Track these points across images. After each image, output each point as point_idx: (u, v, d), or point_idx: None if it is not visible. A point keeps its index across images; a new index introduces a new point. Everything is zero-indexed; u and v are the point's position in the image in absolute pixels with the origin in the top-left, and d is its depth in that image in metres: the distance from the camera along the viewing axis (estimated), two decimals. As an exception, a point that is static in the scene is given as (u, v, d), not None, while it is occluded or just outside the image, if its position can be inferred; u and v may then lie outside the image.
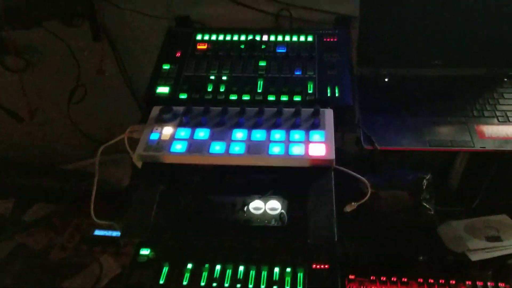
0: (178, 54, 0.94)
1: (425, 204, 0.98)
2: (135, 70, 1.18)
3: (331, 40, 0.95)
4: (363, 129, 0.82)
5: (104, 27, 1.10)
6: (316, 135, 0.73)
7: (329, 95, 0.83)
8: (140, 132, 0.77)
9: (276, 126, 0.75)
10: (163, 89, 0.86)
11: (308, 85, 0.85)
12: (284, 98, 0.83)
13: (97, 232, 0.95)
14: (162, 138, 0.74)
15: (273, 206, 0.77)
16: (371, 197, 0.79)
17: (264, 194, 0.77)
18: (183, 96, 0.85)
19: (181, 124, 0.77)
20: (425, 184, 0.99)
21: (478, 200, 1.01)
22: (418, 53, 0.97)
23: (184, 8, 1.08)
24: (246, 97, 0.84)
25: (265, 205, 0.77)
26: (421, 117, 0.87)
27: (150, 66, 0.92)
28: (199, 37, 0.98)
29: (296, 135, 0.73)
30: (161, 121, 0.77)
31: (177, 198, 0.78)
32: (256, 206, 0.77)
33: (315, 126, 0.74)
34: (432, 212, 0.96)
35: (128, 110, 1.21)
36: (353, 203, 0.74)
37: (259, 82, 0.86)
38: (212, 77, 0.88)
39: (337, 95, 0.83)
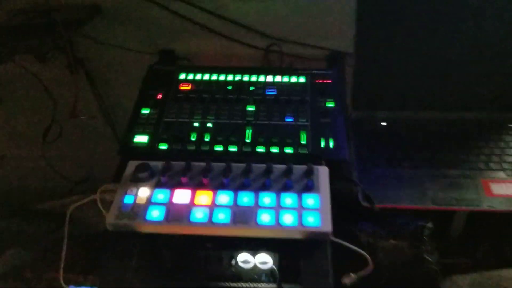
0: (159, 96, 0.86)
1: (426, 257, 0.90)
2: (116, 107, 1.11)
3: (325, 81, 0.88)
4: (360, 186, 0.75)
5: (82, 63, 1.02)
6: (310, 200, 0.65)
7: (323, 146, 0.76)
8: (113, 193, 0.69)
9: (266, 187, 0.67)
10: (141, 139, 0.79)
11: (301, 135, 0.78)
12: (274, 149, 0.76)
13: (71, 290, 0.86)
14: (138, 201, 0.67)
15: (264, 259, 0.68)
16: (369, 249, 0.72)
17: (254, 252, 0.69)
18: (163, 146, 0.77)
19: (159, 184, 0.69)
20: (426, 233, 0.92)
21: (483, 250, 0.94)
22: (418, 94, 0.90)
23: (169, 41, 1.01)
24: (233, 148, 0.76)
25: (254, 258, 0.69)
26: (422, 169, 0.80)
27: (132, 103, 0.85)
28: (182, 76, 0.90)
29: (288, 199, 0.66)
30: (137, 181, 0.70)
31: (157, 255, 0.70)
32: (245, 259, 0.68)
33: (309, 188, 0.67)
34: (434, 266, 0.89)
35: (108, 148, 1.13)
36: (352, 275, 0.67)
37: (247, 131, 0.79)
38: (196, 124, 0.81)
39: (331, 146, 0.76)
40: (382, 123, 0.89)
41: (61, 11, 0.89)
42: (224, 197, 0.66)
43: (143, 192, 0.68)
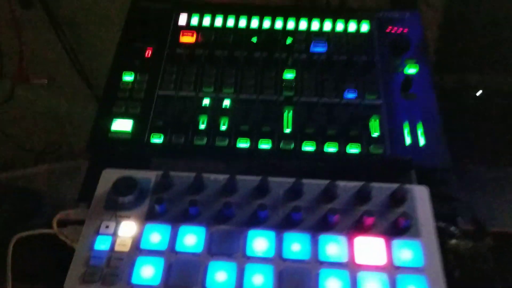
0: (149, 53, 0.56)
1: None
2: (89, 53, 0.80)
3: (399, 31, 0.58)
4: (466, 205, 0.49)
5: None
6: (405, 252, 0.39)
7: (408, 143, 0.48)
8: (77, 230, 0.42)
9: (327, 226, 0.41)
10: (122, 125, 0.50)
11: (371, 123, 0.50)
12: (331, 148, 0.48)
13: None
14: (118, 248, 0.40)
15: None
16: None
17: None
18: (156, 139, 0.49)
19: (152, 216, 0.42)
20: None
21: None
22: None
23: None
24: (265, 145, 0.48)
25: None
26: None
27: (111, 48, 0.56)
28: (182, 19, 0.59)
29: (368, 250, 0.39)
30: (116, 207, 0.42)
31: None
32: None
33: (401, 229, 0.40)
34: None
35: (81, 108, 0.85)
36: None
37: (285, 114, 0.51)
38: (206, 102, 0.52)
39: (422, 143, 0.48)
40: (477, 93, 0.60)
41: None
42: (261, 243, 0.40)
43: (127, 230, 0.41)
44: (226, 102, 0.52)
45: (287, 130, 0.50)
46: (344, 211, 0.41)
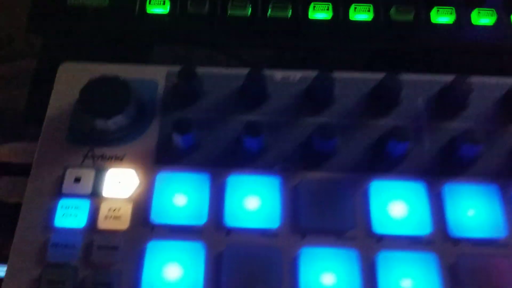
0: None
1: None
2: None
3: None
4: None
5: None
6: None
7: None
8: (16, 186, 0.21)
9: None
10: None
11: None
12: (484, 19, 0.26)
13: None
14: (103, 225, 0.19)
15: None
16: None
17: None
18: (158, 9, 0.26)
19: (168, 156, 0.20)
20: None
21: None
22: None
23: None
24: (361, 15, 0.26)
25: None
26: None
27: None
28: None
29: None
30: (93, 140, 0.20)
31: None
32: None
33: None
34: None
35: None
36: None
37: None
38: None
39: None
40: None
41: None
42: (401, 207, 0.19)
43: (121, 185, 0.20)
44: None
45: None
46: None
